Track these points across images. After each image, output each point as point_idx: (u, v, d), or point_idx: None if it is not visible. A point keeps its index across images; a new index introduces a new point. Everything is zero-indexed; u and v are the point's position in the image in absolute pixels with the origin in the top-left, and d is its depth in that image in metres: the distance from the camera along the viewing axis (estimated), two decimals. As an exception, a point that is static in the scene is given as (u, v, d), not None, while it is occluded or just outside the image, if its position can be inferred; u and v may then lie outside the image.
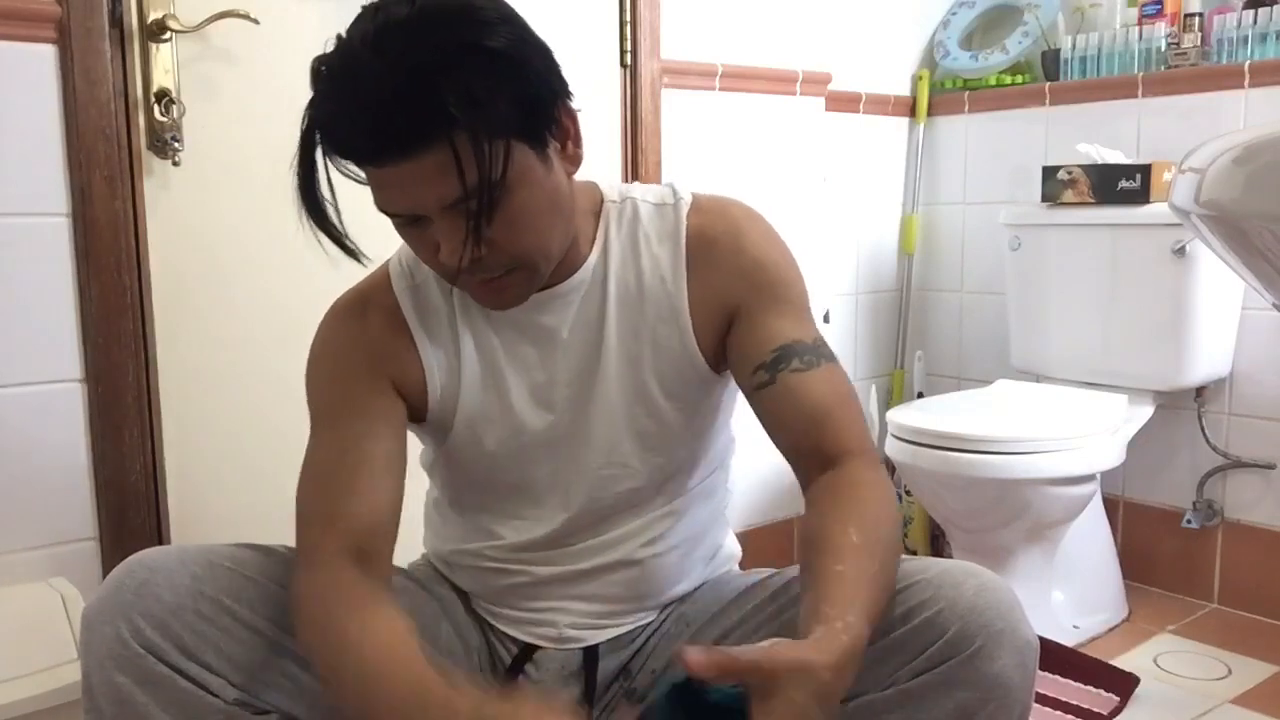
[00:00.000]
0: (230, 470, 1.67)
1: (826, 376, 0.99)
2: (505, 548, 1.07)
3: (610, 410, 1.02)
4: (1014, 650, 0.86)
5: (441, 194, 0.86)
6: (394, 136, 0.83)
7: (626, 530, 1.06)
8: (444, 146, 0.83)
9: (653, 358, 1.02)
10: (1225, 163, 0.87)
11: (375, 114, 0.83)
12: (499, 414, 1.03)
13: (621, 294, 1.02)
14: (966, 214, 2.62)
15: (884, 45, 2.57)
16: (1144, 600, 2.25)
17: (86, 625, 0.89)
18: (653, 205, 1.04)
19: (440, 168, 0.84)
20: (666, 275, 1.02)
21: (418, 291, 1.04)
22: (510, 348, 1.03)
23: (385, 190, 0.88)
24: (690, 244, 1.02)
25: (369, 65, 0.83)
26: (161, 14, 1.50)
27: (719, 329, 1.02)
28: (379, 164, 0.86)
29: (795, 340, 0.99)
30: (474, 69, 0.83)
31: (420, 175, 0.85)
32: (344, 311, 1.05)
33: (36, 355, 1.49)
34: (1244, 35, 2.11)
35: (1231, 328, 2.15)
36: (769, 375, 0.98)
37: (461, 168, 0.84)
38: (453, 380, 1.03)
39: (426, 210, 0.87)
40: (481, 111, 0.83)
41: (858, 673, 0.77)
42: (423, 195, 0.86)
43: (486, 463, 1.05)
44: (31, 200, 1.47)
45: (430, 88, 0.82)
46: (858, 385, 2.56)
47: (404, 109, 0.82)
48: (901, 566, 0.93)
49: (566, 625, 1.07)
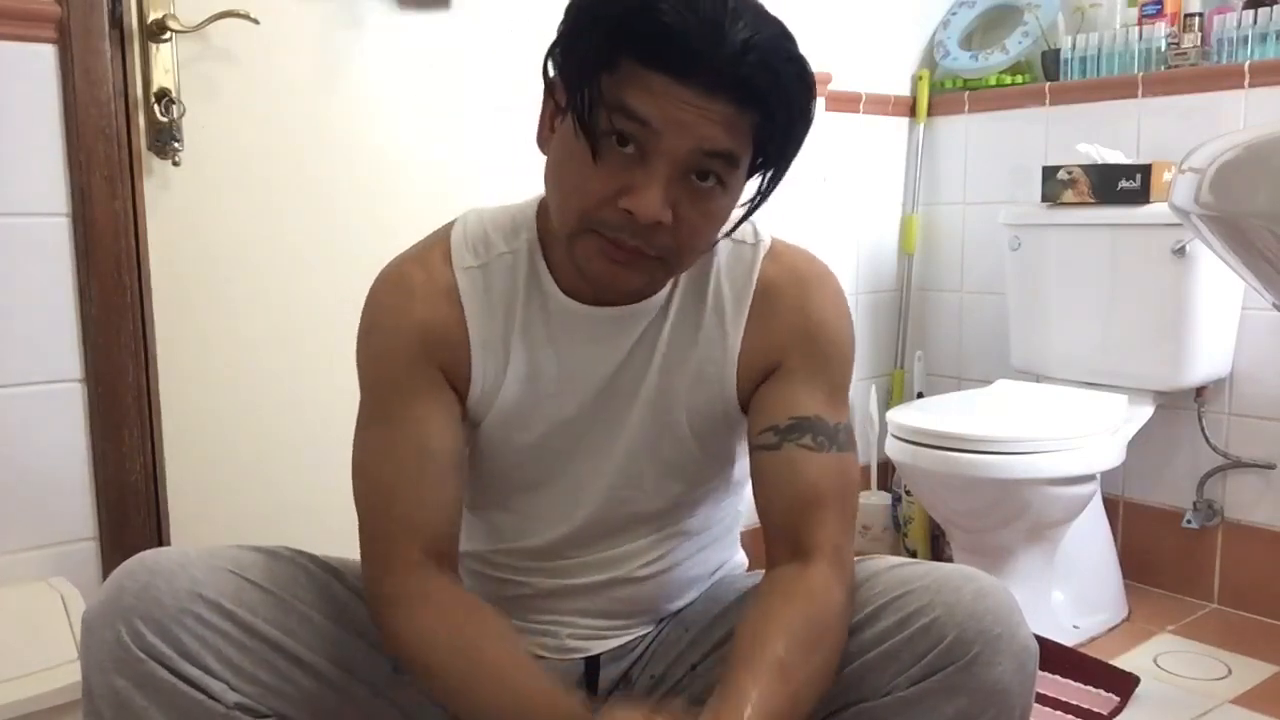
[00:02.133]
0: (230, 470, 1.67)
1: (834, 464, 0.95)
2: (508, 552, 1.07)
3: (638, 430, 1.00)
4: (1012, 655, 0.86)
5: (719, 142, 0.84)
6: (735, 71, 0.82)
7: (631, 549, 1.05)
8: (763, 111, 0.84)
9: (688, 393, 1.00)
10: (1225, 163, 0.87)
11: (741, 43, 0.81)
12: (532, 417, 1.00)
13: (679, 325, 1.00)
14: (966, 214, 2.62)
15: (884, 45, 2.57)
16: (1144, 600, 2.25)
17: (86, 628, 0.89)
18: (733, 242, 1.01)
19: (746, 125, 0.85)
20: (727, 315, 0.99)
21: (481, 275, 0.98)
22: (563, 354, 0.99)
23: (659, 104, 0.83)
24: (758, 291, 0.99)
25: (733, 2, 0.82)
26: (161, 14, 1.50)
27: (759, 379, 1.00)
28: (690, 82, 0.82)
29: (818, 416, 0.96)
30: (807, 73, 0.87)
31: (724, 120, 0.84)
32: (398, 282, 0.99)
33: (36, 355, 1.49)
34: (1244, 35, 2.10)
35: (1231, 328, 2.15)
36: (777, 440, 0.96)
37: (759, 136, 0.86)
38: (497, 378, 0.99)
39: (680, 146, 0.84)
40: (805, 108, 0.87)
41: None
42: (706, 135, 0.84)
43: (504, 462, 1.03)
44: (31, 200, 1.47)
45: (797, 57, 0.85)
46: (858, 385, 2.57)
47: (770, 55, 0.83)
48: (898, 572, 0.93)
49: (568, 636, 1.06)
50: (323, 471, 1.61)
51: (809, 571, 0.91)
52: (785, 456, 0.95)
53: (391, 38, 1.76)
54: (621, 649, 1.08)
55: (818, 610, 0.89)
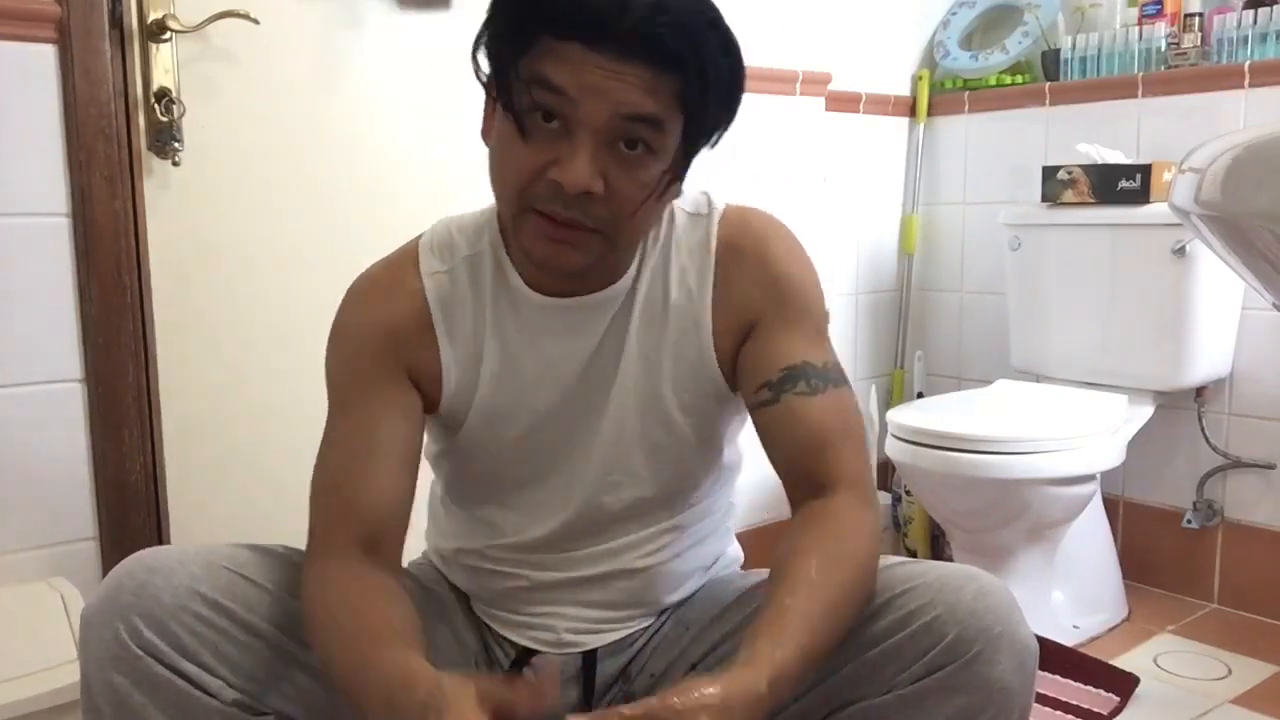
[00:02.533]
0: (230, 470, 1.67)
1: (832, 402, 0.97)
2: (504, 547, 1.07)
3: (623, 417, 1.01)
4: (1013, 654, 0.86)
5: (634, 105, 0.85)
6: (643, 33, 0.83)
7: (627, 540, 1.06)
8: (683, 74, 0.85)
9: (671, 369, 1.01)
10: (1225, 163, 0.88)
11: (649, 6, 0.82)
12: (514, 412, 1.02)
13: (648, 305, 1.01)
14: (966, 214, 2.62)
15: (884, 45, 2.57)
16: (1144, 600, 2.25)
17: (85, 626, 0.89)
18: (688, 214, 1.03)
19: (667, 89, 0.85)
20: (693, 287, 1.01)
21: (448, 278, 1.01)
22: (536, 348, 1.01)
23: (573, 72, 0.84)
24: (718, 255, 1.01)
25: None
26: (161, 14, 1.50)
27: (738, 342, 1.01)
28: (602, 49, 0.83)
29: (805, 361, 0.98)
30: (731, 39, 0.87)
31: (641, 83, 0.84)
32: (367, 290, 1.02)
33: (36, 355, 1.49)
34: (1244, 35, 2.11)
35: (1231, 328, 2.15)
36: (773, 394, 0.97)
37: (685, 99, 0.86)
38: (470, 376, 1.01)
39: (599, 113, 0.85)
40: (732, 70, 0.87)
41: (780, 703, 0.79)
42: (623, 100, 0.85)
43: (494, 459, 1.04)
44: (31, 200, 1.47)
45: (715, 20, 0.85)
46: (858, 385, 2.56)
47: (683, 16, 0.83)
48: (899, 570, 0.93)
49: (565, 629, 1.06)
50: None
51: (832, 501, 0.94)
52: (785, 407, 0.97)
53: (391, 38, 1.76)
54: (619, 643, 1.08)
55: (845, 528, 0.91)
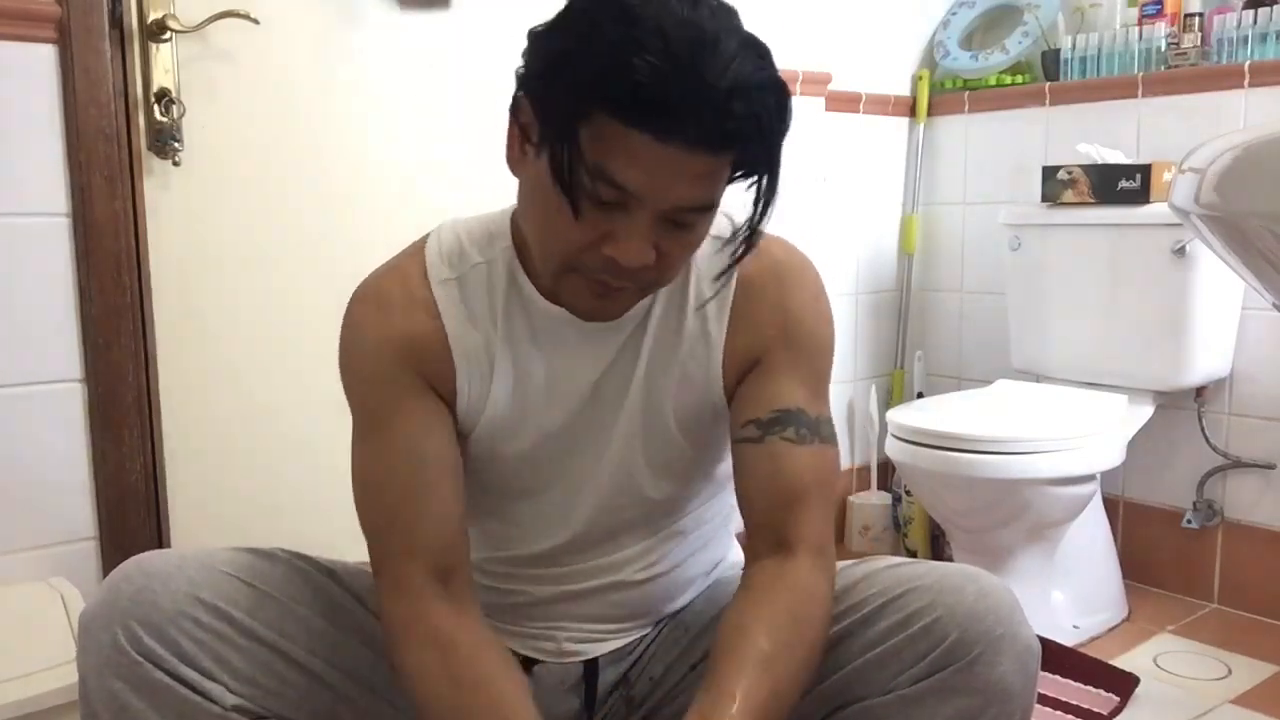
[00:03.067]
0: (230, 470, 1.67)
1: (814, 457, 0.95)
2: (505, 560, 1.06)
3: (626, 433, 1.00)
4: (1014, 656, 0.86)
5: (702, 197, 0.83)
6: (719, 124, 0.78)
7: (628, 554, 1.05)
8: (746, 148, 0.81)
9: (677, 390, 0.99)
10: (1225, 163, 0.88)
11: (724, 92, 0.77)
12: (520, 427, 0.99)
13: (662, 325, 0.99)
14: (966, 214, 2.61)
15: (884, 45, 2.57)
16: (1144, 600, 2.25)
17: (83, 631, 0.88)
18: (711, 238, 0.96)
19: (726, 164, 0.82)
20: (710, 314, 0.99)
21: (459, 287, 0.97)
22: (547, 361, 0.98)
23: (642, 169, 0.80)
24: (739, 287, 0.99)
25: (712, 36, 0.77)
26: (161, 14, 1.50)
27: (742, 372, 0.99)
28: (671, 141, 0.78)
29: (799, 409, 0.96)
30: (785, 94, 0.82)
31: (707, 171, 0.81)
32: (375, 299, 0.97)
33: (36, 355, 1.49)
34: (1244, 35, 2.10)
35: (1231, 328, 2.15)
36: (759, 433, 0.95)
37: (740, 163, 0.83)
38: (482, 388, 0.97)
39: (664, 204, 0.82)
40: (784, 122, 0.82)
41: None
42: (685, 191, 0.82)
43: (498, 473, 1.02)
44: (31, 200, 1.47)
45: (774, 82, 0.80)
46: (858, 385, 2.57)
47: (745, 100, 0.78)
48: (899, 571, 0.93)
49: (566, 640, 1.06)
50: (322, 471, 1.61)
51: (792, 564, 0.92)
52: (767, 449, 0.95)
53: (391, 37, 1.76)
54: (620, 651, 1.08)
55: (801, 603, 0.89)
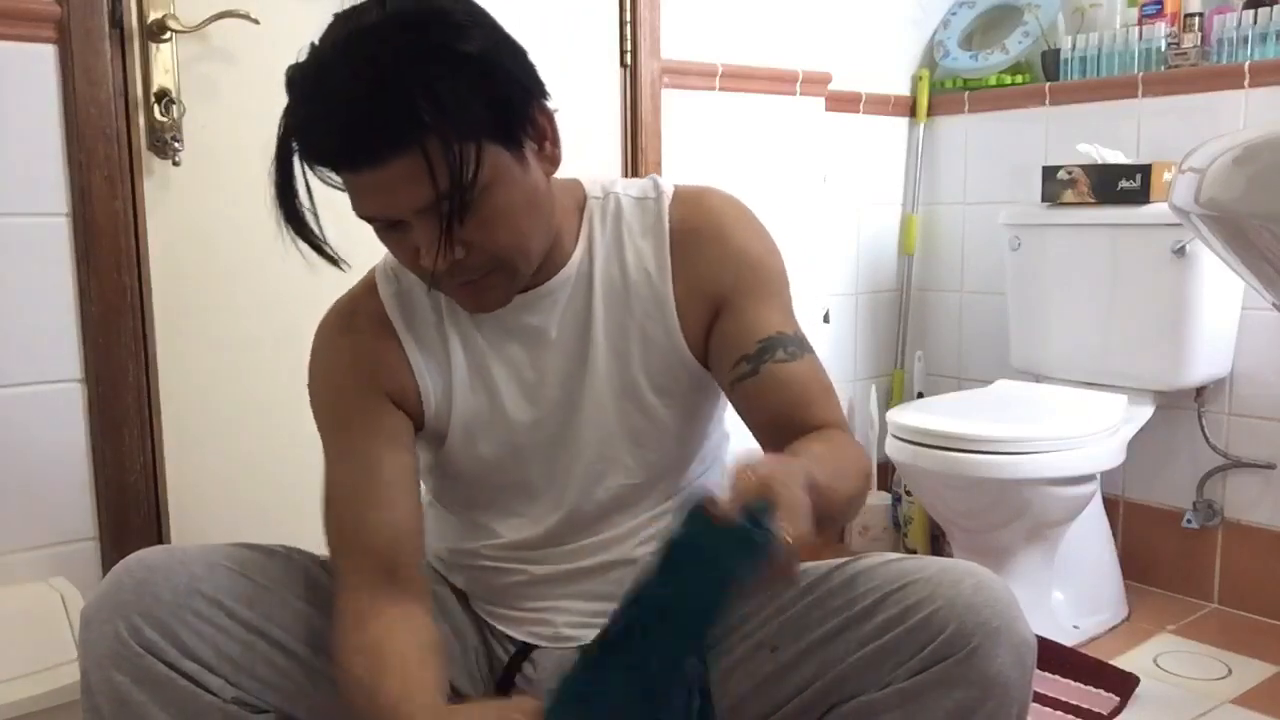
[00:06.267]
0: (230, 470, 1.67)
1: (810, 367, 1.00)
2: (501, 546, 1.07)
3: (600, 408, 1.02)
4: (1011, 649, 0.86)
5: (414, 198, 0.86)
6: (365, 143, 0.84)
7: (622, 530, 1.06)
8: (415, 151, 0.84)
9: (641, 354, 1.02)
10: (1225, 163, 0.87)
11: (346, 121, 0.84)
12: (490, 416, 1.03)
13: (607, 290, 1.02)
14: (966, 214, 2.62)
15: (884, 45, 2.57)
16: (1144, 600, 2.25)
17: (85, 624, 0.89)
18: (634, 199, 1.04)
19: (412, 172, 0.85)
20: (651, 269, 1.02)
21: (404, 296, 1.04)
22: (498, 349, 1.03)
23: (361, 195, 0.89)
24: (674, 236, 1.02)
25: (339, 71, 0.85)
26: (161, 14, 1.50)
27: (705, 321, 1.02)
28: (354, 170, 0.87)
29: (780, 332, 1.00)
30: (444, 73, 0.84)
31: (393, 180, 0.85)
32: (335, 324, 1.05)
33: (36, 355, 1.49)
34: (1244, 35, 2.10)
35: (1231, 328, 2.15)
36: (751, 366, 0.98)
37: (434, 172, 0.84)
38: (445, 386, 1.03)
39: (401, 214, 0.88)
40: (451, 115, 0.84)
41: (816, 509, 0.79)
42: (396, 200, 0.87)
43: (481, 465, 1.05)
44: (31, 200, 1.47)
45: (400, 93, 0.83)
46: (858, 385, 2.57)
47: (374, 115, 0.83)
48: (897, 565, 0.93)
49: (563, 624, 1.07)
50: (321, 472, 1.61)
51: (824, 430, 0.97)
52: (766, 375, 0.98)
53: (391, 38, 1.75)
54: None
55: (845, 445, 0.96)
